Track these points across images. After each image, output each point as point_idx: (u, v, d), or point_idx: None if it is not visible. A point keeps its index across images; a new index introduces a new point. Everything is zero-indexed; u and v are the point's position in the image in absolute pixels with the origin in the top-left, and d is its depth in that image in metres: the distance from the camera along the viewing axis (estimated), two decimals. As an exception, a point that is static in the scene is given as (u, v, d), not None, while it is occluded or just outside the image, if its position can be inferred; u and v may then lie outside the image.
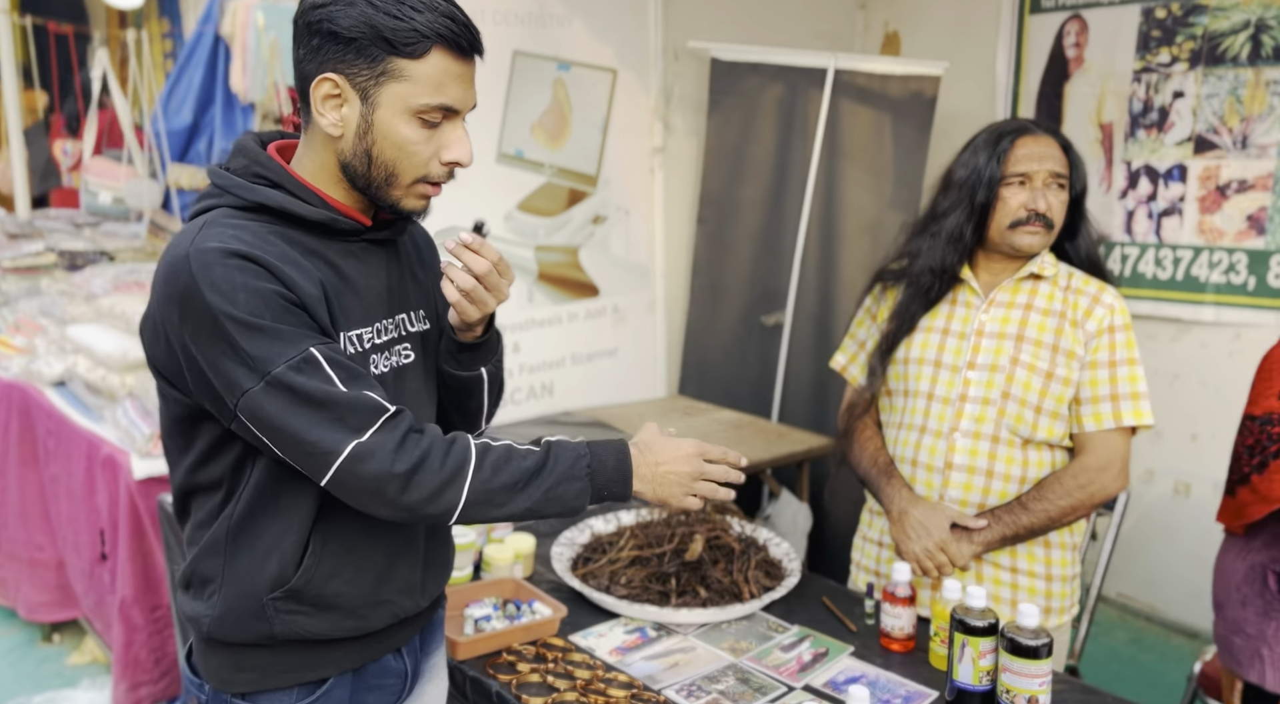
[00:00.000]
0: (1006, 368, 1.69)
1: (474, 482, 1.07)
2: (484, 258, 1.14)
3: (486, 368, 1.26)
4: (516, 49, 2.92)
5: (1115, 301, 1.69)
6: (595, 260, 3.22)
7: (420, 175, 1.09)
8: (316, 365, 1.02)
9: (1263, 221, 2.84)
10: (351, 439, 1.02)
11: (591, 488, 1.12)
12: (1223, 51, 2.86)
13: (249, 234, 1.05)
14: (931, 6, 3.63)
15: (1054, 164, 1.68)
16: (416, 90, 1.05)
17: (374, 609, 1.18)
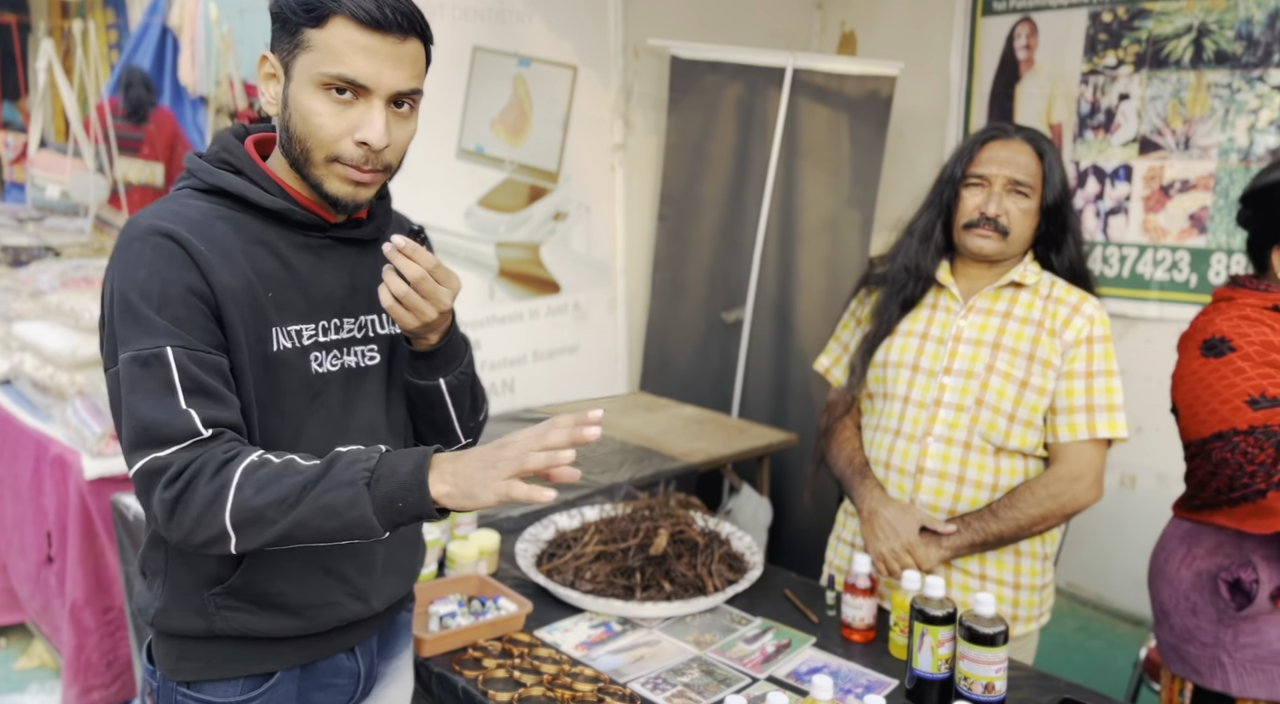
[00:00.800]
0: (982, 375, 1.68)
1: (236, 501, 0.96)
2: (417, 263, 1.08)
3: (446, 379, 1.20)
4: (476, 44, 2.91)
5: (1095, 312, 1.68)
6: (556, 257, 3.22)
7: (331, 153, 1.06)
8: (163, 364, 0.99)
9: (1204, 221, 2.93)
10: (145, 455, 0.98)
11: (371, 496, 0.95)
12: (1166, 55, 2.95)
13: (195, 214, 1.06)
14: (887, 8, 3.69)
15: (1016, 171, 1.66)
16: (318, 59, 1.03)
17: (320, 610, 1.16)
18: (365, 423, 1.18)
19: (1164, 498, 2.53)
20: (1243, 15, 2.80)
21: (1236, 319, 1.63)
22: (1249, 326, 1.61)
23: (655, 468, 2.57)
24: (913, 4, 3.59)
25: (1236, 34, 2.81)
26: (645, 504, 1.93)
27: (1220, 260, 2.91)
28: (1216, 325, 1.65)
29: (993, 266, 1.74)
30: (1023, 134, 1.71)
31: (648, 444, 2.78)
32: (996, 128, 1.73)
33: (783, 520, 3.17)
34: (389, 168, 1.11)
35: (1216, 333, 1.64)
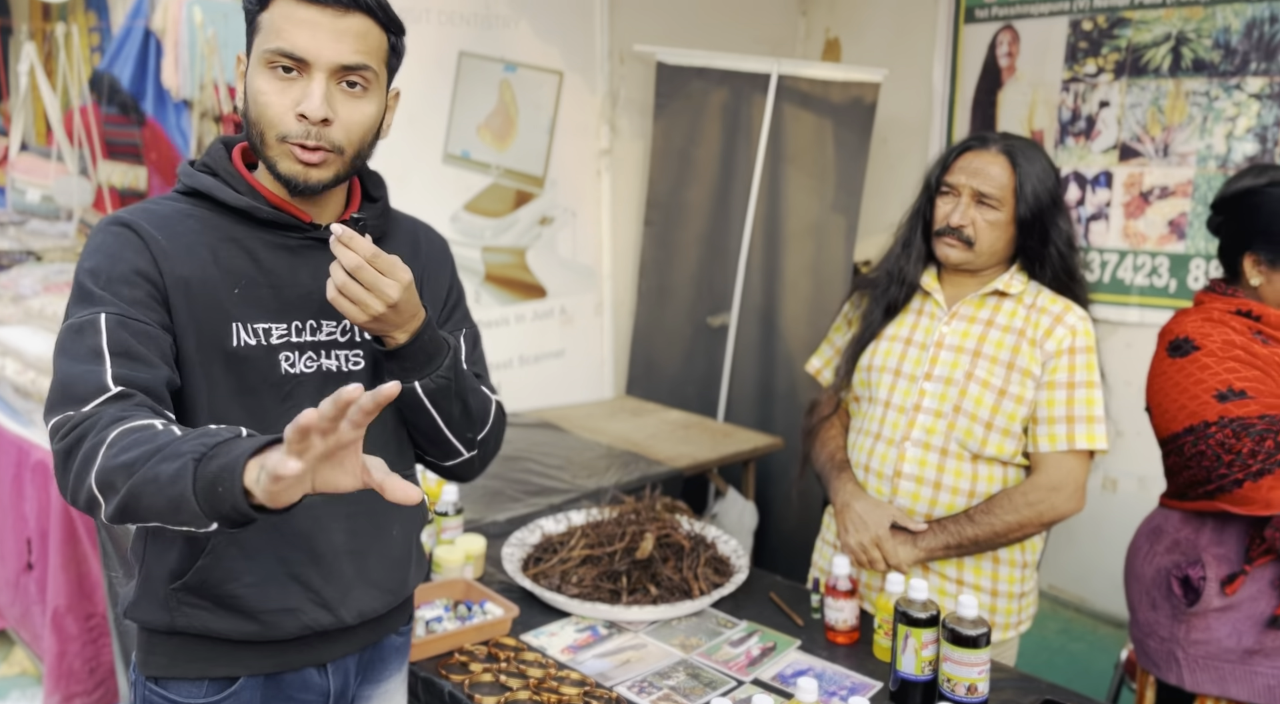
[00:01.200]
0: (960, 382, 1.68)
1: (102, 462, 0.90)
2: (354, 251, 1.03)
3: (421, 382, 1.14)
4: (462, 50, 2.91)
5: (1079, 323, 1.66)
6: (542, 261, 3.22)
7: (279, 132, 1.06)
8: (95, 329, 1.01)
9: (1183, 226, 2.97)
10: (57, 412, 0.97)
11: (196, 474, 0.84)
12: (1145, 63, 2.99)
13: (164, 210, 1.10)
14: (871, 15, 3.72)
15: (983, 182, 1.65)
16: (263, 38, 1.06)
17: (279, 616, 1.13)
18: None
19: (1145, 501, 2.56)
20: (1220, 24, 2.84)
21: (1200, 321, 1.67)
22: (1211, 327, 1.65)
23: (641, 472, 2.57)
24: (896, 11, 3.62)
25: (1214, 43, 2.85)
26: (631, 508, 1.94)
27: (1199, 266, 2.95)
28: (1183, 327, 1.69)
29: (975, 274, 1.75)
30: (1001, 144, 1.68)
31: (634, 448, 2.78)
32: (976, 137, 1.72)
33: (768, 524, 3.18)
34: (338, 148, 1.07)
35: (1181, 334, 1.68)
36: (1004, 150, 1.67)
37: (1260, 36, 2.77)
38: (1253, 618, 1.63)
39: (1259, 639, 1.62)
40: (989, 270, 1.75)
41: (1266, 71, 2.77)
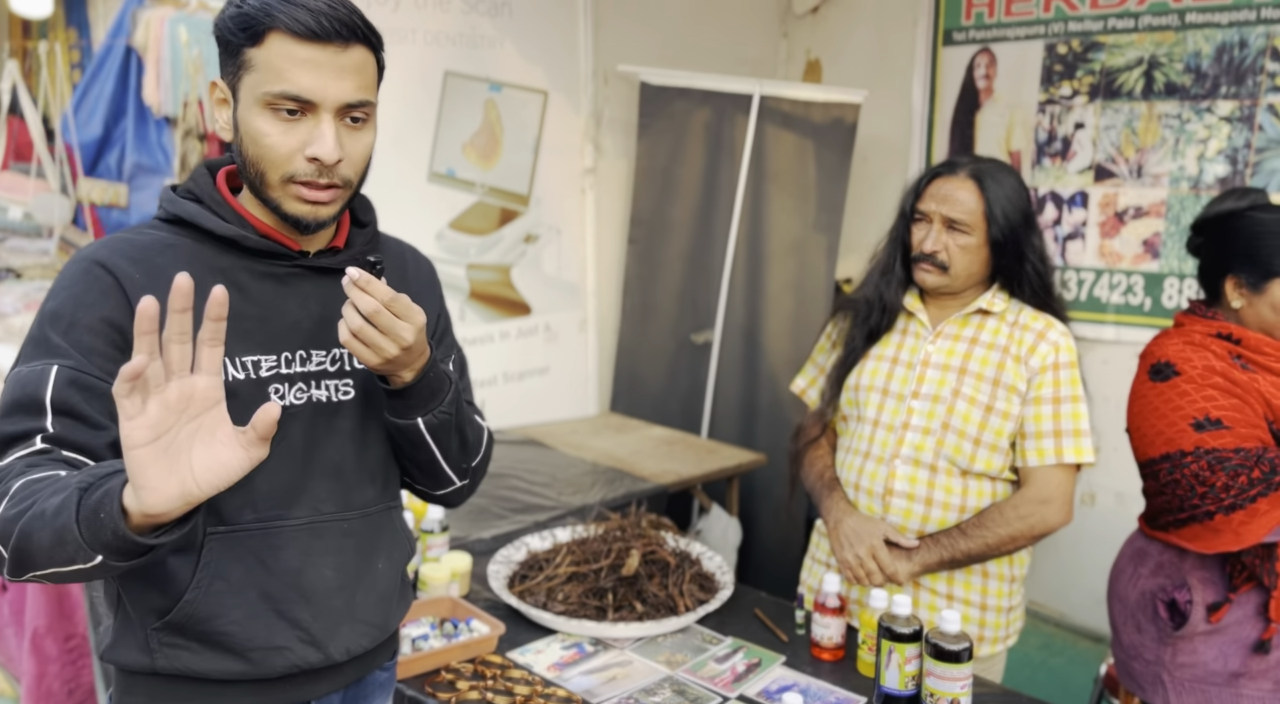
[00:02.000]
0: (948, 399, 1.71)
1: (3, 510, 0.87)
2: (372, 296, 1.02)
3: (425, 418, 1.13)
4: (448, 69, 2.93)
5: (1061, 338, 1.70)
6: (527, 279, 3.24)
7: (285, 173, 1.03)
8: (41, 381, 0.97)
9: (1157, 246, 3.03)
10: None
11: (81, 502, 0.82)
12: (1119, 86, 3.05)
13: (144, 240, 1.06)
14: (851, 37, 3.78)
15: (953, 208, 1.68)
16: (260, 78, 1.01)
17: (268, 654, 1.10)
18: (331, 459, 1.13)
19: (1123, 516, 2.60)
20: (1191, 49, 2.91)
21: (1182, 345, 1.69)
22: (1192, 351, 1.67)
23: (626, 489, 2.58)
24: (876, 33, 3.68)
25: (1185, 67, 2.92)
26: (617, 525, 1.95)
27: (1173, 284, 3.00)
28: (1164, 350, 1.71)
29: (956, 295, 1.78)
30: (970, 169, 1.70)
31: (618, 465, 2.79)
32: (946, 164, 1.75)
33: (752, 540, 3.20)
34: (348, 183, 1.07)
35: (1163, 357, 1.70)
36: (972, 175, 1.70)
37: (1230, 61, 2.84)
38: (1239, 641, 1.64)
39: (1245, 663, 1.64)
40: (969, 291, 1.78)
41: (1236, 95, 2.84)
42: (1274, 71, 2.77)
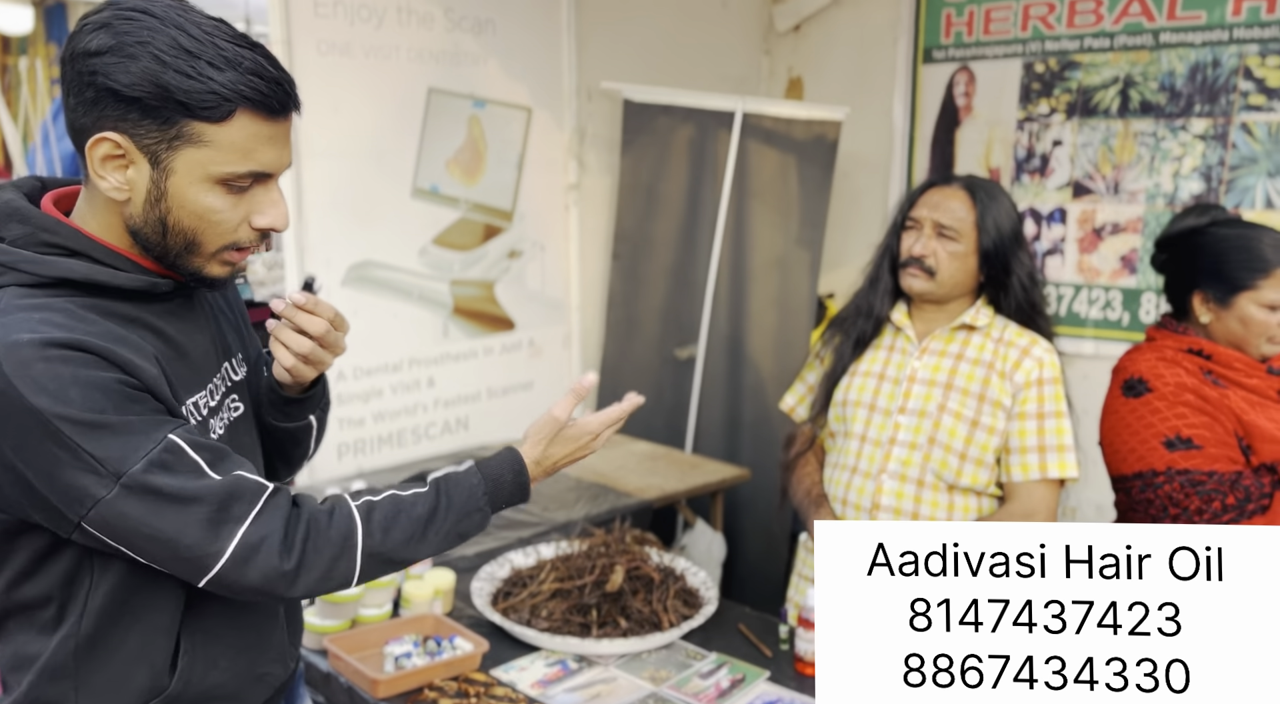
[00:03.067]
0: (934, 414, 1.73)
1: (365, 548, 1.01)
2: (319, 317, 1.03)
3: (314, 414, 1.17)
4: (431, 86, 2.94)
5: (1045, 355, 1.72)
6: (511, 295, 3.24)
7: (227, 243, 0.98)
8: (180, 454, 0.91)
9: (1134, 262, 3.07)
10: (232, 535, 0.92)
11: (492, 510, 1.10)
12: (1095, 104, 3.10)
13: (60, 316, 0.90)
14: (832, 54, 3.82)
15: (944, 215, 1.72)
16: (220, 157, 0.92)
17: (253, 687, 1.11)
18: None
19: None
20: (1165, 68, 2.96)
21: (1154, 361, 1.71)
22: (1165, 368, 1.69)
23: (610, 504, 2.58)
24: (857, 52, 3.72)
25: (1160, 85, 2.97)
26: (601, 541, 1.95)
27: (1150, 299, 3.04)
28: (1137, 366, 1.73)
29: (942, 307, 1.80)
30: (964, 181, 1.76)
31: (602, 480, 2.79)
32: (941, 176, 1.80)
33: (736, 555, 3.19)
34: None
35: (1136, 374, 1.72)
36: (965, 186, 1.75)
37: (1203, 80, 2.89)
38: None
39: None
40: (955, 303, 1.79)
41: (1210, 113, 2.89)
42: (1246, 90, 2.82)
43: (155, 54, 0.88)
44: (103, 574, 0.97)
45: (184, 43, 0.89)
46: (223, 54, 0.90)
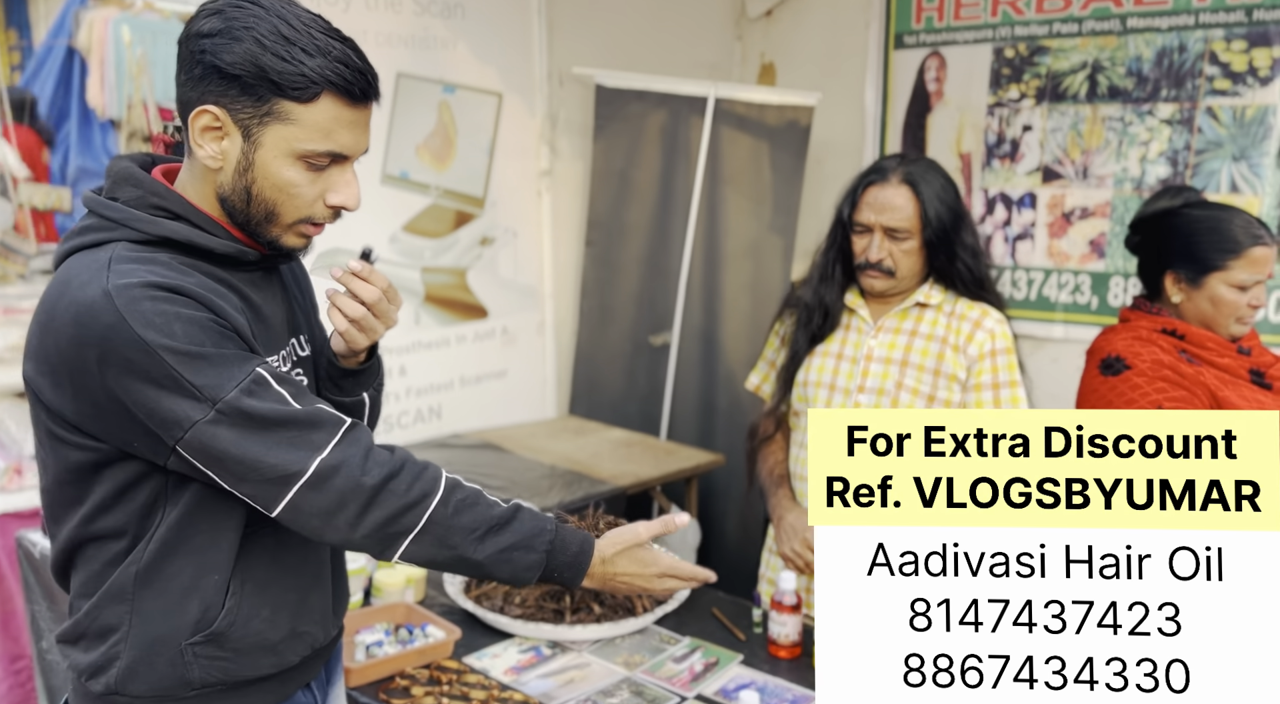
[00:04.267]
0: (892, 392, 1.77)
1: (435, 512, 1.05)
2: (374, 285, 1.13)
3: (368, 392, 1.24)
4: (400, 71, 2.91)
5: (997, 326, 1.76)
6: (483, 282, 3.21)
7: (303, 216, 1.08)
8: (266, 385, 1.01)
9: (1102, 246, 3.09)
10: (315, 456, 1.01)
11: (546, 565, 1.11)
12: (1064, 89, 3.12)
13: (163, 268, 1.01)
14: (804, 40, 3.81)
15: (892, 217, 1.73)
16: (303, 135, 1.03)
17: (292, 643, 1.15)
18: None
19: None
20: (1133, 53, 2.98)
21: (1130, 340, 1.74)
22: (1141, 346, 1.72)
23: (585, 491, 2.58)
24: (829, 37, 3.72)
25: (1127, 70, 2.99)
26: (575, 527, 1.94)
27: (1119, 283, 3.07)
28: (1114, 345, 1.75)
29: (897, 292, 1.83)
30: (901, 173, 1.75)
31: (577, 468, 2.78)
32: (876, 170, 1.79)
33: (711, 540, 3.20)
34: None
35: (1113, 352, 1.74)
36: (905, 179, 1.75)
37: (1170, 65, 2.92)
38: None
39: None
40: (905, 289, 1.83)
41: (1176, 98, 2.91)
42: (1212, 75, 2.85)
43: (258, 38, 1.00)
44: (172, 510, 1.06)
45: (284, 30, 1.00)
46: (315, 43, 1.01)
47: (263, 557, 1.12)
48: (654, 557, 1.20)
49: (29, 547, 2.17)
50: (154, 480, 1.05)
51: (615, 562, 1.17)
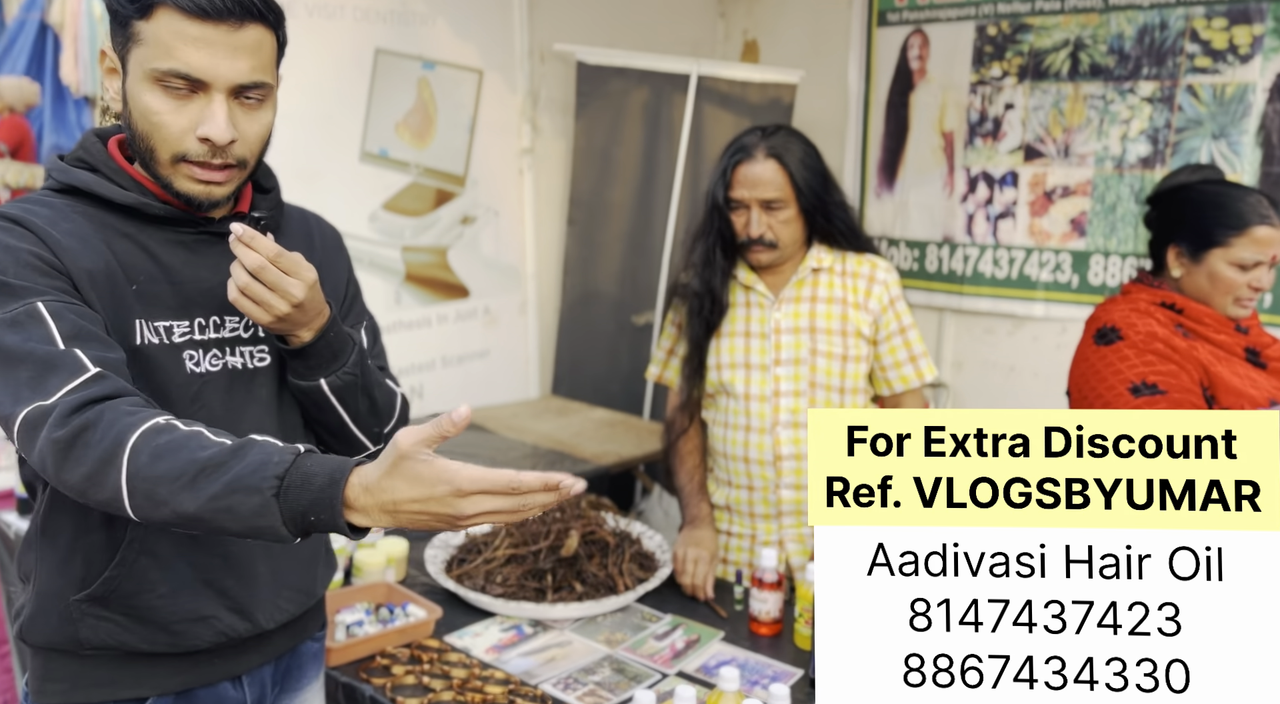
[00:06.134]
0: (808, 359, 1.83)
1: (130, 463, 0.88)
2: (256, 251, 1.03)
3: (327, 379, 1.14)
4: (379, 47, 2.87)
5: (887, 276, 1.87)
6: (465, 261, 3.19)
7: (176, 152, 1.02)
8: (38, 320, 0.94)
9: (1083, 225, 3.10)
10: (34, 401, 0.91)
11: (280, 507, 0.86)
12: (1046, 67, 3.11)
13: (44, 208, 1.02)
14: (788, 17, 3.79)
15: (766, 190, 1.76)
16: (149, 53, 1.00)
17: (193, 626, 1.10)
18: (251, 427, 1.10)
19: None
20: (1114, 31, 2.97)
21: (1128, 311, 1.74)
22: (1137, 318, 1.72)
23: (567, 470, 2.56)
24: (812, 14, 3.70)
25: (1109, 48, 2.99)
26: (556, 506, 1.94)
27: (1099, 262, 3.08)
28: (1111, 316, 1.76)
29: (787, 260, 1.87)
30: (765, 147, 1.77)
31: (559, 447, 2.78)
32: (739, 149, 1.80)
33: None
34: (243, 163, 1.06)
35: (1109, 322, 1.75)
36: (770, 153, 1.77)
37: (1151, 42, 2.92)
38: None
39: None
40: (796, 253, 1.87)
41: (1157, 76, 2.91)
42: (1192, 53, 2.85)
43: None
44: None
45: None
46: None
47: (170, 531, 1.06)
48: (436, 471, 0.85)
49: (3, 527, 2.15)
50: None
51: (385, 487, 0.86)
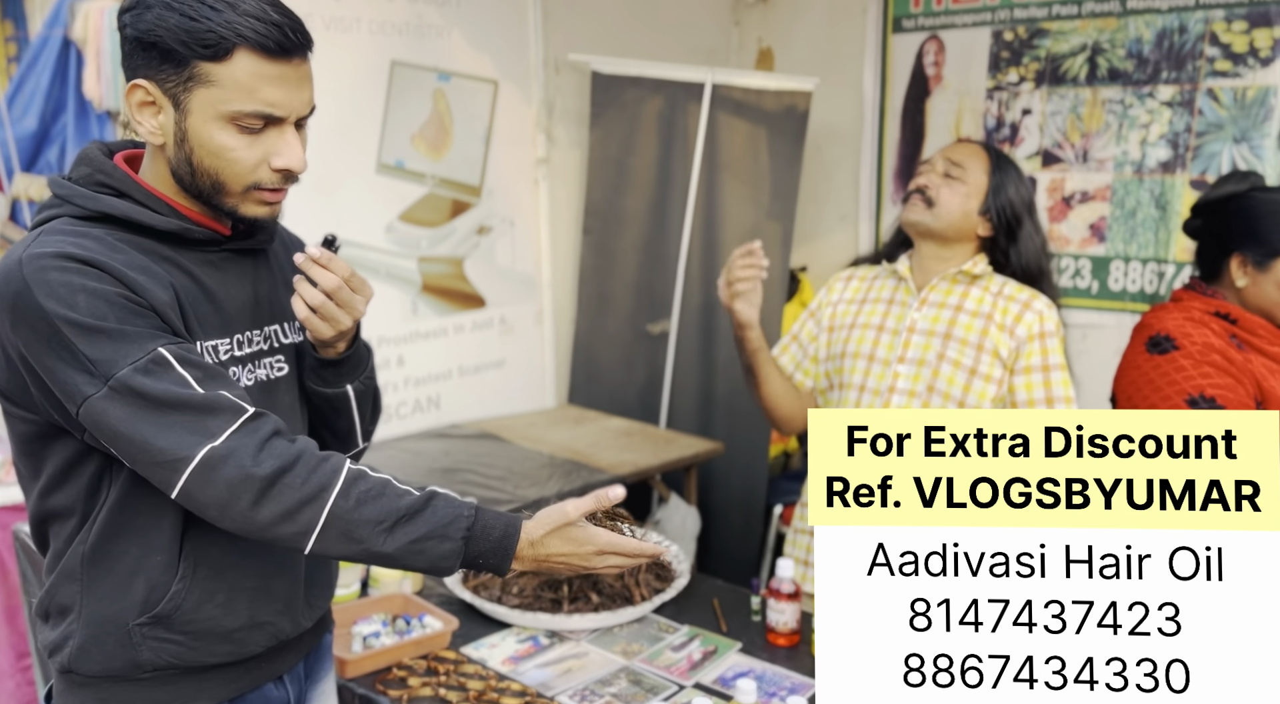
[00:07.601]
0: (933, 363, 1.77)
1: (335, 505, 0.99)
2: (333, 273, 1.09)
3: (353, 385, 1.21)
4: (395, 59, 2.89)
5: (1046, 309, 1.76)
6: (481, 271, 3.20)
7: (249, 183, 1.05)
8: (166, 366, 0.97)
9: (1103, 230, 3.08)
10: (205, 443, 0.96)
11: (465, 553, 1.04)
12: (1064, 72, 3.09)
13: (91, 241, 1.01)
14: (802, 25, 3.78)
15: (955, 154, 1.81)
16: (226, 96, 1.00)
17: (251, 632, 1.13)
18: None
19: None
20: (1133, 35, 2.95)
21: (1182, 320, 1.71)
22: (1193, 328, 1.69)
23: (583, 480, 2.57)
24: (827, 21, 3.69)
25: (1127, 53, 2.97)
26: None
27: (1119, 268, 3.05)
28: (1164, 324, 1.73)
29: (941, 253, 1.82)
30: (985, 142, 1.86)
31: (576, 457, 2.78)
32: (962, 139, 1.89)
33: (711, 529, 3.20)
34: (296, 181, 1.12)
35: (1163, 331, 1.72)
36: (986, 147, 1.84)
37: (1170, 46, 2.89)
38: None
39: None
40: (954, 251, 1.81)
41: (1176, 80, 2.89)
42: (1212, 56, 2.82)
43: (167, 2, 0.99)
44: (115, 489, 1.05)
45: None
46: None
47: (218, 540, 1.09)
48: (588, 534, 1.11)
49: (25, 538, 2.17)
50: (96, 458, 1.04)
51: (545, 543, 1.09)
